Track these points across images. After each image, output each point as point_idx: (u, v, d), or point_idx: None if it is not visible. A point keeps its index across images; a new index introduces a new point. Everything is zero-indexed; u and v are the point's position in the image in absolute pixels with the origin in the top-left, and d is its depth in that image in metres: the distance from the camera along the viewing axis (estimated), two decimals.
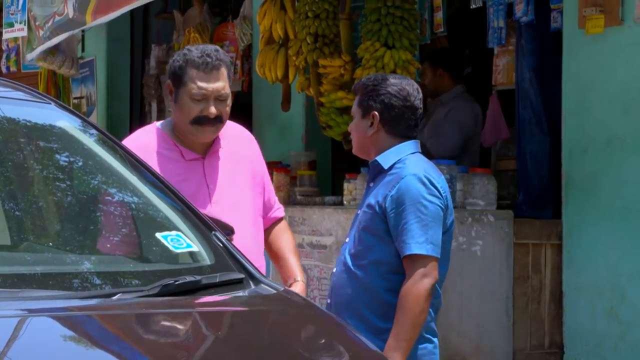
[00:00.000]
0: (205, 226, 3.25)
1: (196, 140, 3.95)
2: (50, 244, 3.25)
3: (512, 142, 7.19)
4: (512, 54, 7.14)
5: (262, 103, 8.67)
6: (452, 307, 5.93)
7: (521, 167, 6.70)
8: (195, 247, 3.17)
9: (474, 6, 7.00)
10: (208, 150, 3.99)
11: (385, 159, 3.99)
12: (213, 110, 3.90)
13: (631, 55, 5.75)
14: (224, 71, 3.93)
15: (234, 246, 3.23)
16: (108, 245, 3.28)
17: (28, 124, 3.39)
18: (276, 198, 4.26)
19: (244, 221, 3.93)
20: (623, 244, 5.76)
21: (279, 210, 4.22)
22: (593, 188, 5.92)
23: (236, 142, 4.09)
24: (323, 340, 2.91)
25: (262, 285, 3.08)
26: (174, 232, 3.19)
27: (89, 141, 3.40)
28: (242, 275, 3.07)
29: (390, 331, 3.82)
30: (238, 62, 8.88)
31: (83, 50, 10.89)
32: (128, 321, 2.76)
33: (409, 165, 3.95)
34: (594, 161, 5.92)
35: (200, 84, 3.89)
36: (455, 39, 7.94)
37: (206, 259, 3.14)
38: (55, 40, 8.64)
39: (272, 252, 4.17)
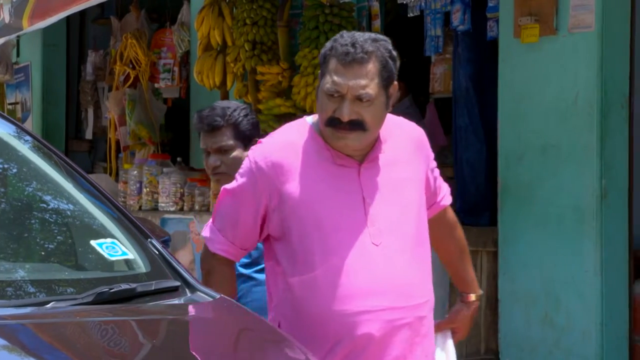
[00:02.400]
0: (141, 233, 3.23)
1: (335, 147, 3.20)
2: None
3: (449, 149, 7.24)
4: (449, 62, 7.20)
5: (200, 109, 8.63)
6: None
7: (458, 175, 6.76)
8: (131, 254, 3.15)
9: (411, 14, 7.06)
10: (366, 155, 3.22)
11: None
12: (346, 111, 3.11)
13: (565, 64, 5.82)
14: (371, 67, 3.14)
15: (170, 253, 3.22)
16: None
17: None
18: (443, 183, 3.49)
19: (405, 244, 3.23)
20: (557, 251, 5.82)
21: (445, 198, 3.48)
22: (528, 195, 5.99)
23: (400, 143, 3.31)
24: (259, 348, 2.90)
25: (198, 292, 3.06)
26: (109, 240, 3.16)
27: (23, 148, 3.36)
28: (177, 283, 3.05)
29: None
30: (176, 69, 8.85)
31: (18, 55, 10.78)
32: (62, 329, 2.73)
33: None
34: (530, 169, 5.98)
35: (335, 77, 3.13)
36: (392, 47, 7.96)
37: (142, 267, 3.12)
38: None
39: (440, 254, 3.58)
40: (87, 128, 10.40)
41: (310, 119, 3.27)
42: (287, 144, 3.22)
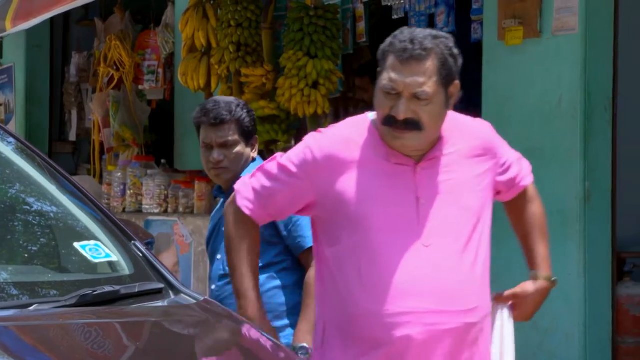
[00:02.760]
0: (124, 235, 3.22)
1: (393, 147, 3.10)
2: None
3: None
4: None
5: (184, 112, 8.63)
6: None
7: None
8: (114, 256, 3.14)
9: (395, 17, 7.06)
10: (424, 155, 3.11)
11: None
12: (402, 110, 3.00)
13: (549, 67, 5.83)
14: (429, 64, 3.03)
15: (154, 255, 3.21)
16: None
17: None
18: (523, 162, 3.39)
19: (459, 247, 3.09)
20: None
21: (525, 178, 3.39)
22: None
23: (463, 143, 3.18)
24: (242, 350, 2.90)
25: (182, 295, 3.06)
26: (92, 242, 3.16)
27: (7, 149, 3.35)
28: (161, 285, 3.05)
29: (295, 325, 3.82)
30: (160, 71, 8.83)
31: (1, 56, 10.74)
32: (45, 332, 2.72)
33: None
34: None
35: (392, 74, 3.04)
36: (377, 49, 7.98)
37: (125, 269, 3.12)
38: None
39: (515, 230, 3.48)
40: (70, 130, 10.37)
41: (371, 115, 3.17)
42: (345, 138, 3.12)
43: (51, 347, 2.67)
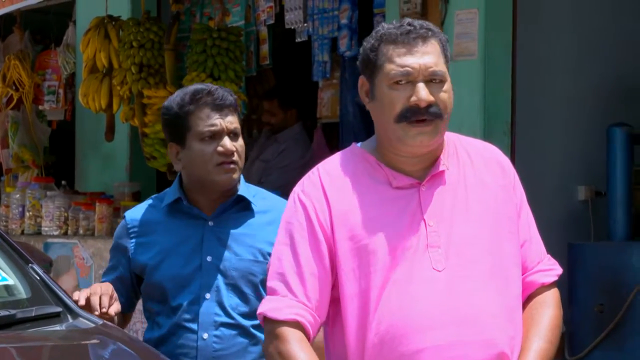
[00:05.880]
0: (21, 259, 3.17)
1: (409, 152, 2.72)
2: None
3: None
4: (337, 88, 7.26)
5: (85, 132, 8.54)
6: None
7: None
8: (11, 280, 3.09)
9: (299, 40, 7.11)
10: (427, 172, 2.75)
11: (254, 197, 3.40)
12: (424, 94, 2.66)
13: None
14: (435, 43, 2.72)
15: (52, 278, 3.16)
16: None
17: None
18: (545, 252, 2.87)
19: (477, 270, 2.69)
20: None
21: (545, 274, 2.83)
22: None
23: (476, 163, 2.82)
24: None
25: (81, 319, 3.02)
26: None
27: None
28: (59, 309, 3.01)
29: None
30: (61, 91, 8.72)
31: None
32: None
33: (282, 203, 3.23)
34: None
35: (400, 60, 2.68)
36: (281, 71, 8.01)
37: (22, 293, 3.07)
38: None
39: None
40: None
41: (359, 143, 2.83)
42: (334, 171, 2.76)
43: None
